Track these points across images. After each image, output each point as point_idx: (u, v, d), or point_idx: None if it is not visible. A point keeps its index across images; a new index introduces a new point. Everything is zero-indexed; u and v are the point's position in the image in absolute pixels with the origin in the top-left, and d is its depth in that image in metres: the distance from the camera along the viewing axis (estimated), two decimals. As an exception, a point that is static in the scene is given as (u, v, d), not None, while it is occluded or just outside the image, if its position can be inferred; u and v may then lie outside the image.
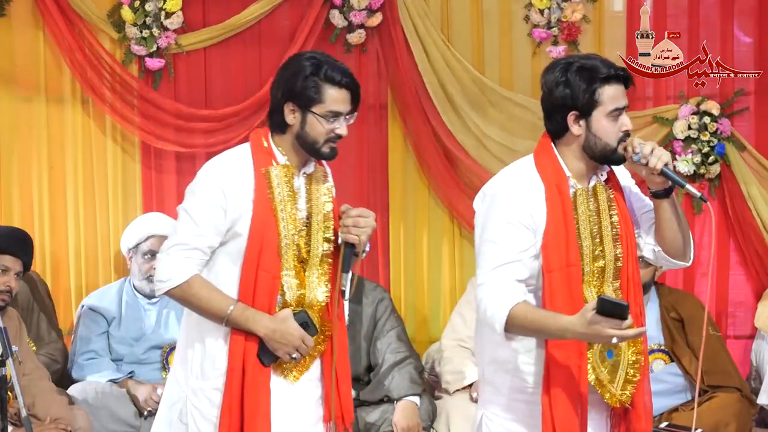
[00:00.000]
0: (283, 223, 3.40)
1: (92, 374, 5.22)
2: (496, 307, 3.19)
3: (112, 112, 5.70)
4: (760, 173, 5.76)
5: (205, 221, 3.38)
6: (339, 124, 3.41)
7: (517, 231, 3.26)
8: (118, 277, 5.72)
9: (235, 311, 3.35)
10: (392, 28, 5.79)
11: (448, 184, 5.87)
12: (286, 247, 3.40)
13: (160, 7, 5.64)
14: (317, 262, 3.46)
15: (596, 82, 3.27)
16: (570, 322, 3.09)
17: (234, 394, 3.38)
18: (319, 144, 3.41)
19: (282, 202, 3.40)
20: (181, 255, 3.39)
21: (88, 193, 5.79)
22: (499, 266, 3.24)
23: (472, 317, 5.45)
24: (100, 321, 5.39)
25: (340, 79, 3.39)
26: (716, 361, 5.34)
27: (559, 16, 5.79)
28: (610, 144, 3.29)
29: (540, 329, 3.17)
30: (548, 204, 3.28)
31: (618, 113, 3.29)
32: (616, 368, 3.34)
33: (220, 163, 3.45)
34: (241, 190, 3.39)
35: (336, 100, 3.39)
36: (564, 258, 3.26)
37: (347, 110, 3.43)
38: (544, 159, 3.36)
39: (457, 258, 5.98)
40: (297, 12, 5.81)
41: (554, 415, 3.24)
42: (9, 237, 4.88)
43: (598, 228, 3.34)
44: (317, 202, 3.48)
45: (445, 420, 5.22)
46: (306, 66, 3.39)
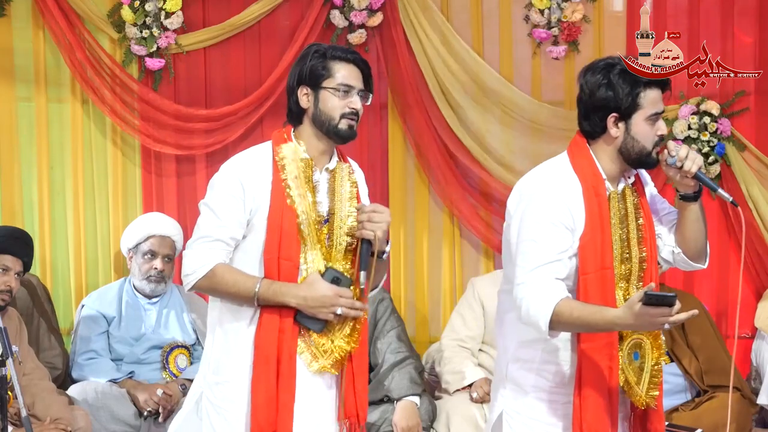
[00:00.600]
0: (304, 213, 3.40)
1: (92, 374, 5.23)
2: (539, 305, 3.20)
3: (112, 113, 5.70)
4: (761, 173, 5.77)
5: (226, 212, 3.41)
6: (353, 99, 3.43)
7: (557, 231, 3.27)
8: (118, 277, 5.72)
9: (262, 287, 3.36)
10: (393, 28, 5.79)
11: (450, 183, 5.87)
12: (309, 238, 3.41)
13: (160, 7, 5.64)
14: (340, 257, 3.46)
15: (639, 86, 3.35)
16: (617, 316, 3.12)
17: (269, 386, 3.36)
18: (336, 120, 3.43)
19: (301, 194, 3.41)
20: (204, 247, 3.42)
21: (88, 193, 5.79)
22: (541, 266, 3.24)
23: (472, 317, 5.46)
24: (100, 321, 5.39)
25: (347, 55, 3.45)
26: (716, 361, 5.35)
27: (559, 16, 5.79)
28: (647, 147, 3.35)
29: (587, 324, 3.19)
30: (586, 205, 3.30)
31: (656, 117, 3.36)
32: (641, 370, 3.38)
33: (240, 157, 3.50)
34: (260, 182, 3.42)
35: (345, 74, 3.43)
36: (600, 261, 3.29)
37: (359, 86, 3.45)
38: (580, 160, 3.38)
39: (457, 258, 5.98)
40: (297, 12, 5.81)
41: (584, 416, 3.27)
42: (9, 237, 4.89)
43: (626, 231, 3.37)
44: (340, 198, 3.48)
45: (445, 420, 5.22)
46: (312, 50, 3.47)
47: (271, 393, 3.36)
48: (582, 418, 3.27)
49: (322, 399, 3.50)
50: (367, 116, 5.87)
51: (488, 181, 5.85)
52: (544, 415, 3.40)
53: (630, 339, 3.36)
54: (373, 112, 5.91)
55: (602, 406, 3.29)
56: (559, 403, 3.38)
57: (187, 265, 3.44)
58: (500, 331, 3.52)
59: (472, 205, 5.89)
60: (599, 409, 3.28)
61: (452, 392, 5.34)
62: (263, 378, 3.37)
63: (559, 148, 5.75)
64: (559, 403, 3.38)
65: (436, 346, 5.66)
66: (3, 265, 4.79)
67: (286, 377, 3.38)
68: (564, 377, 3.36)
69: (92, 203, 5.80)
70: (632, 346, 3.37)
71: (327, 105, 3.43)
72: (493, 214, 5.88)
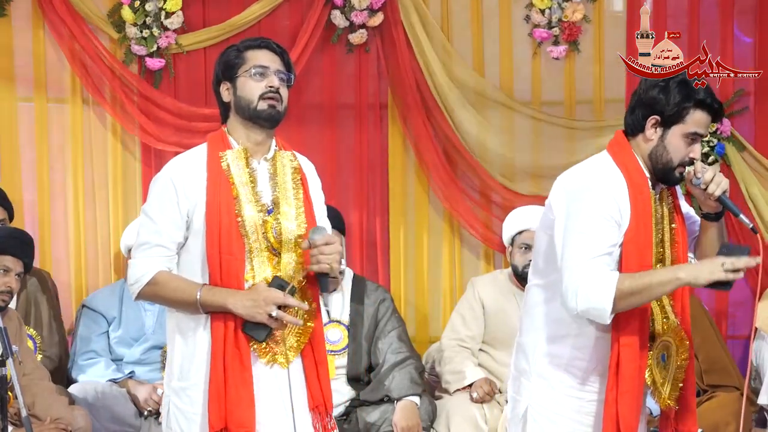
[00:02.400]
0: (245, 205, 3.38)
1: (92, 374, 5.22)
2: (600, 291, 3.21)
3: (113, 111, 5.70)
4: (760, 173, 5.77)
5: (159, 216, 3.40)
6: (270, 78, 3.42)
7: (607, 224, 3.29)
8: (118, 277, 5.72)
9: (203, 293, 3.32)
10: (393, 28, 5.79)
11: (447, 184, 5.86)
12: (252, 230, 3.38)
13: (160, 7, 5.64)
14: (291, 246, 3.42)
15: (690, 101, 3.36)
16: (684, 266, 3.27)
17: (218, 383, 3.34)
18: (254, 102, 3.41)
19: (241, 184, 3.39)
20: (144, 255, 3.41)
21: (88, 193, 5.79)
22: (596, 257, 3.25)
23: (472, 317, 5.46)
24: (100, 321, 5.39)
25: (258, 42, 3.48)
26: (716, 361, 5.36)
27: (560, 16, 5.79)
28: (673, 161, 3.35)
29: (649, 280, 3.21)
30: (632, 201, 3.32)
31: (694, 138, 3.36)
32: (667, 370, 3.42)
33: (173, 160, 3.51)
34: (193, 180, 3.40)
35: (258, 57, 3.44)
36: (641, 258, 3.31)
37: (275, 67, 3.44)
38: (623, 157, 3.39)
39: (457, 258, 5.98)
40: (298, 12, 5.81)
41: (620, 411, 3.29)
42: (10, 238, 4.88)
43: (662, 233, 3.40)
44: (284, 186, 3.45)
45: (445, 420, 5.21)
46: (227, 49, 3.52)
47: (221, 389, 3.33)
48: (618, 413, 3.30)
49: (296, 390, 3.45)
50: (367, 116, 5.88)
51: (487, 182, 5.85)
52: (571, 412, 3.43)
53: (660, 340, 3.40)
54: (373, 112, 5.91)
55: (636, 402, 3.33)
56: (585, 400, 3.41)
57: (130, 274, 3.43)
58: (528, 325, 3.52)
59: (470, 207, 5.89)
60: (633, 406, 3.32)
61: (452, 392, 5.33)
62: (215, 377, 3.35)
63: (560, 148, 5.85)
64: (586, 400, 3.41)
65: (436, 346, 5.65)
66: (3, 265, 4.78)
67: (238, 372, 3.34)
68: (592, 374, 3.40)
69: (92, 203, 5.80)
70: (661, 347, 3.41)
71: (245, 90, 3.43)
72: (492, 215, 5.88)
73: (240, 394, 3.34)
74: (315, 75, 5.85)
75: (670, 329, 3.42)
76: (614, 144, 3.43)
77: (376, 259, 5.94)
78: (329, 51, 5.82)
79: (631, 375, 3.30)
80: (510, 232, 5.33)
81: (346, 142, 5.94)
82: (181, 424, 3.45)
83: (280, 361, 3.41)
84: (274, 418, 3.42)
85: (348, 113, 5.91)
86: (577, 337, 3.37)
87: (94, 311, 5.41)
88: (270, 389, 3.41)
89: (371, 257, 5.94)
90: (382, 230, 5.95)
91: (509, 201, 5.78)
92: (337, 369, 5.19)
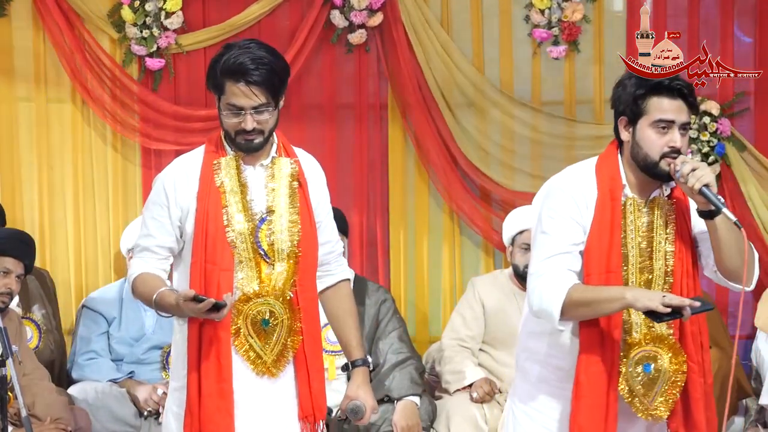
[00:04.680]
0: (234, 215, 3.34)
1: (92, 374, 5.22)
2: (551, 293, 3.21)
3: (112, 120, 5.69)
4: (760, 173, 5.77)
5: (151, 221, 3.40)
6: (244, 120, 3.29)
7: (568, 224, 3.29)
8: (118, 277, 5.72)
9: (158, 296, 3.28)
10: (393, 28, 5.78)
11: (452, 182, 5.85)
12: (240, 240, 3.34)
13: (160, 7, 5.64)
14: (284, 256, 3.38)
15: (643, 88, 3.29)
16: (630, 288, 3.20)
17: (193, 391, 3.34)
18: (232, 134, 3.34)
19: (232, 193, 3.35)
20: (136, 257, 3.43)
21: (88, 193, 5.79)
22: (552, 256, 3.26)
23: (472, 317, 5.46)
24: (100, 321, 5.39)
25: (236, 68, 3.26)
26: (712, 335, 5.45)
27: (560, 16, 5.79)
28: (651, 156, 3.27)
29: (598, 295, 3.18)
30: (597, 207, 3.29)
31: (664, 126, 3.25)
32: (654, 382, 3.33)
33: (170, 165, 3.47)
34: (185, 188, 3.37)
35: (233, 93, 3.29)
36: (604, 263, 3.27)
37: (251, 104, 3.28)
38: (604, 163, 3.37)
39: (458, 258, 5.98)
40: (297, 12, 5.81)
41: (577, 417, 3.28)
42: (11, 239, 4.87)
43: (648, 241, 3.31)
44: (279, 192, 3.41)
45: (445, 420, 5.21)
46: (214, 59, 3.36)
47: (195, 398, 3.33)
48: (580, 422, 3.28)
49: (283, 401, 3.44)
50: (367, 116, 5.88)
51: (487, 183, 5.85)
52: (547, 408, 3.41)
53: (639, 350, 3.32)
54: (373, 112, 5.91)
55: (600, 411, 3.27)
56: (563, 398, 3.38)
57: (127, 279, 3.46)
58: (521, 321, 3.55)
59: (473, 205, 5.89)
60: (597, 415, 3.27)
61: (452, 392, 5.33)
62: (191, 384, 3.34)
63: (559, 149, 5.85)
64: (563, 397, 3.38)
65: (436, 346, 5.65)
66: (4, 267, 4.77)
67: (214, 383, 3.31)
68: (567, 372, 3.36)
69: (92, 203, 5.80)
70: (642, 357, 3.32)
71: (224, 121, 3.34)
72: (493, 214, 5.88)
73: (216, 404, 3.32)
74: (315, 75, 5.85)
75: (655, 340, 3.33)
76: (603, 153, 3.41)
77: (376, 259, 5.94)
78: (329, 51, 5.82)
79: (593, 382, 3.27)
80: (510, 232, 5.33)
81: (346, 142, 5.93)
82: (171, 424, 3.46)
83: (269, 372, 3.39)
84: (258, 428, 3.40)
85: (348, 113, 5.91)
86: (552, 335, 3.35)
87: (94, 311, 5.41)
88: (256, 399, 3.39)
89: (371, 257, 5.94)
90: (383, 230, 5.95)
91: (509, 200, 5.78)
92: (337, 369, 5.19)
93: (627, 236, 3.31)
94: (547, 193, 3.38)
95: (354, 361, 3.51)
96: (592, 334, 3.29)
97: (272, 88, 3.29)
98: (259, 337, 3.37)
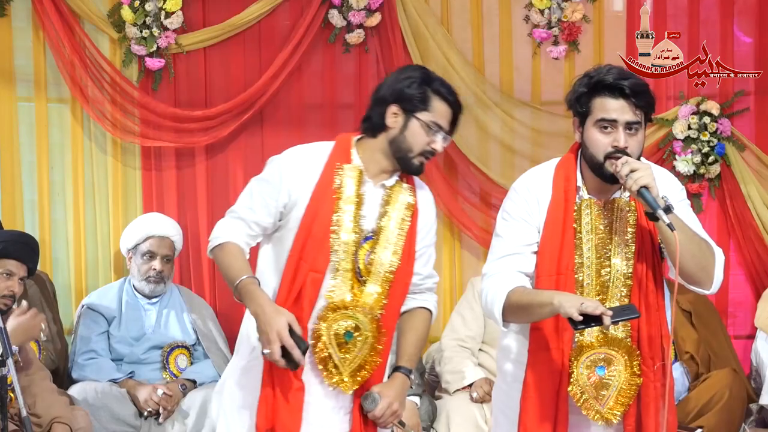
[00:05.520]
0: (344, 223, 3.32)
1: (92, 374, 5.23)
2: (493, 295, 3.21)
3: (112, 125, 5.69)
4: (761, 173, 5.77)
5: (258, 196, 3.35)
6: (437, 138, 3.34)
7: (519, 225, 3.28)
8: (118, 277, 5.72)
9: (242, 282, 3.24)
10: (390, 28, 5.78)
11: (444, 189, 5.81)
12: (342, 249, 3.32)
13: (160, 7, 5.64)
14: (379, 279, 3.37)
15: (585, 87, 3.24)
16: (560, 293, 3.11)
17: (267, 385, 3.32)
18: (414, 154, 3.34)
19: (346, 202, 3.34)
20: (228, 220, 3.38)
21: (88, 193, 5.79)
22: (502, 257, 3.26)
23: (472, 317, 5.46)
24: (100, 321, 5.39)
25: (448, 95, 3.36)
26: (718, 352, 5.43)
27: (560, 16, 5.79)
28: (597, 157, 3.21)
29: (532, 299, 3.15)
30: (550, 209, 3.28)
31: (608, 125, 3.19)
32: (606, 386, 3.27)
33: (294, 149, 3.43)
34: (303, 178, 3.34)
35: (442, 113, 3.35)
36: (555, 265, 3.24)
37: (447, 128, 3.37)
38: (563, 163, 3.35)
39: (457, 258, 5.98)
40: (297, 12, 5.81)
41: (523, 417, 3.26)
42: (14, 242, 4.84)
43: (605, 242, 3.27)
44: (391, 217, 3.39)
45: (445, 420, 5.22)
46: (416, 75, 3.37)
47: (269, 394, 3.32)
48: (524, 420, 3.27)
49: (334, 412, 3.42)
50: (367, 116, 5.87)
51: (486, 184, 5.84)
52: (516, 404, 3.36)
53: (592, 352, 3.26)
54: (373, 112, 5.90)
55: (546, 411, 3.25)
56: None
57: (213, 231, 3.41)
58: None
59: (467, 211, 5.87)
60: (543, 414, 3.25)
61: (452, 392, 5.34)
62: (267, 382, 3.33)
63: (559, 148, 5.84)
64: None
65: (436, 346, 5.66)
66: (7, 269, 4.75)
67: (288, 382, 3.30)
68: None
69: (92, 203, 5.80)
70: (596, 359, 3.26)
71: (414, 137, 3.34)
72: (490, 217, 5.86)
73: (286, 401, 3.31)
74: (314, 75, 5.85)
75: (611, 343, 3.26)
76: (566, 154, 3.38)
77: (376, 259, 5.93)
78: (328, 51, 5.81)
79: (541, 383, 3.25)
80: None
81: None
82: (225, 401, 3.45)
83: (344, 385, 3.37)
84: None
85: (347, 113, 5.90)
86: (518, 333, 3.36)
87: (94, 311, 5.41)
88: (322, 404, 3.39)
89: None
90: (382, 230, 5.94)
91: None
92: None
93: (582, 238, 3.26)
94: (507, 196, 3.38)
95: (398, 367, 3.47)
96: (541, 335, 3.27)
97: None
98: (339, 349, 3.34)
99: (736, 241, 5.87)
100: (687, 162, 5.74)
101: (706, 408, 5.18)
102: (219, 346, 5.52)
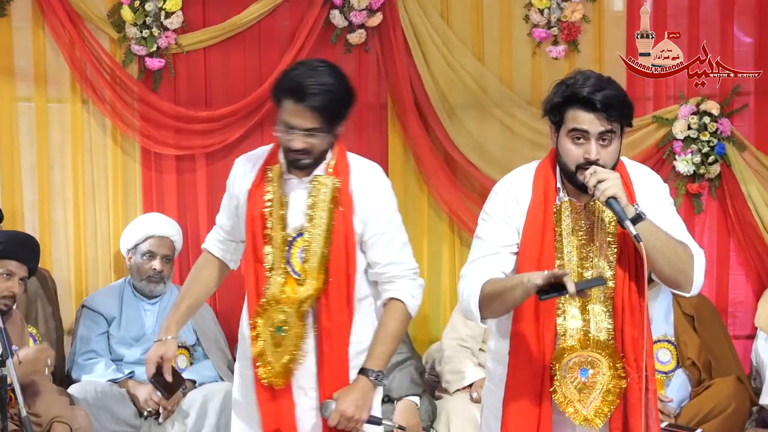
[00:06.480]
0: (274, 224, 3.46)
1: (92, 374, 5.23)
2: (468, 292, 3.21)
3: (112, 114, 5.70)
4: (761, 173, 5.77)
5: (223, 202, 3.67)
6: (293, 140, 3.37)
7: (498, 226, 3.29)
8: (118, 277, 5.72)
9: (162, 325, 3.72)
10: (392, 28, 5.78)
11: (446, 187, 5.84)
12: (272, 247, 3.46)
13: (160, 7, 5.64)
14: (314, 274, 3.43)
15: (560, 97, 3.22)
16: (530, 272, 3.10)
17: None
18: (284, 152, 3.45)
19: (272, 202, 3.46)
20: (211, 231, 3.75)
21: (88, 193, 5.79)
22: (479, 258, 3.27)
23: (472, 317, 5.46)
24: (100, 321, 5.39)
25: (292, 89, 3.34)
26: (721, 358, 5.41)
27: (559, 16, 5.79)
28: (568, 166, 3.22)
29: (504, 284, 3.15)
30: (529, 210, 3.28)
31: (579, 135, 3.18)
32: (590, 388, 3.24)
33: (242, 156, 3.64)
34: (242, 182, 3.53)
35: (290, 111, 3.36)
36: (535, 266, 3.21)
37: (303, 126, 3.35)
38: (543, 166, 3.35)
39: (457, 258, 5.98)
40: (297, 12, 5.81)
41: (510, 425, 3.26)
42: (15, 242, 4.84)
43: (587, 244, 3.25)
44: (315, 213, 3.44)
45: (445, 420, 5.22)
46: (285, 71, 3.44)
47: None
48: (506, 424, 3.27)
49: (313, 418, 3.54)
50: (367, 116, 5.88)
51: (486, 184, 5.85)
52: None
53: (574, 354, 3.25)
54: (373, 112, 5.91)
55: (529, 415, 3.24)
56: None
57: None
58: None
59: (468, 208, 5.87)
60: (525, 418, 3.24)
61: (452, 392, 5.34)
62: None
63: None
64: None
65: (436, 346, 5.66)
66: (7, 270, 4.74)
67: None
68: None
69: (92, 203, 5.80)
70: (579, 362, 3.24)
71: (277, 134, 3.44)
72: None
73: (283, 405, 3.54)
74: (315, 75, 5.84)
75: (594, 346, 3.24)
76: (547, 155, 3.37)
77: (376, 259, 5.93)
78: (328, 51, 5.81)
79: (522, 386, 3.24)
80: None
81: (346, 143, 5.82)
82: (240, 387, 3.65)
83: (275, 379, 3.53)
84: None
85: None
86: (499, 335, 3.37)
87: (94, 311, 5.41)
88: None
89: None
90: (382, 230, 5.94)
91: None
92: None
93: (563, 240, 3.25)
94: (488, 197, 3.40)
95: (362, 369, 3.51)
96: (522, 337, 3.26)
97: (328, 114, 3.36)
98: (274, 343, 3.46)
99: (736, 241, 5.87)
100: (687, 162, 5.74)
101: (710, 416, 5.17)
102: (219, 346, 5.52)
